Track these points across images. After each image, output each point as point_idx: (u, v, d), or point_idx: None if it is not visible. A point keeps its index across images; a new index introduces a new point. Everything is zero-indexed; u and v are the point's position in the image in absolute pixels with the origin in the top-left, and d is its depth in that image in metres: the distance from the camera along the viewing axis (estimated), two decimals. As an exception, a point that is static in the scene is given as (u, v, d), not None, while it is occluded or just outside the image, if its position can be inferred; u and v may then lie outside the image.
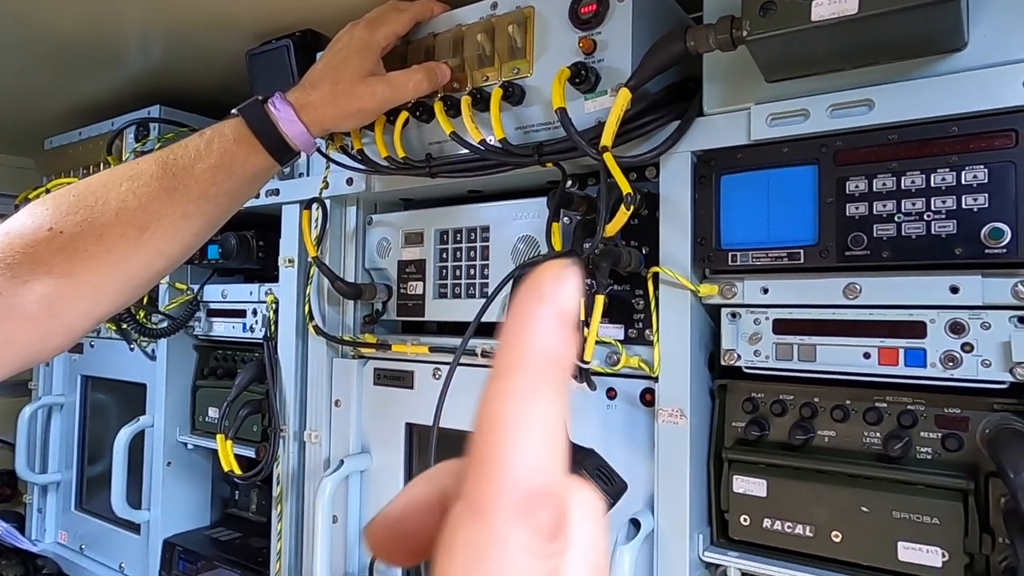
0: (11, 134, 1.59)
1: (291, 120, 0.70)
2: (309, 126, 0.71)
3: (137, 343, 1.24)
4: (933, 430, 0.60)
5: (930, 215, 0.56)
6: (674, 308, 0.68)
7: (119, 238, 0.61)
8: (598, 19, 0.70)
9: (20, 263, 0.57)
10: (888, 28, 0.52)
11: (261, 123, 0.68)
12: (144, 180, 0.63)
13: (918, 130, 0.57)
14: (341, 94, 0.72)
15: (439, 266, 0.89)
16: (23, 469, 1.42)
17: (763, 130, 0.63)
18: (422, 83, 0.76)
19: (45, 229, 0.59)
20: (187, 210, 0.65)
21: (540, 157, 0.71)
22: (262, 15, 0.96)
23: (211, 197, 0.66)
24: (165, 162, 0.65)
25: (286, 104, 0.70)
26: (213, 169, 0.66)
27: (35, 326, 0.59)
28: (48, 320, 0.59)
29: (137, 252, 0.63)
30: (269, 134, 0.69)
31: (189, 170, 0.65)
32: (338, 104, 0.73)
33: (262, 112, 0.69)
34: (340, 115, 0.74)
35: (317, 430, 0.95)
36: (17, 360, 0.60)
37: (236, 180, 0.68)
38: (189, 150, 0.66)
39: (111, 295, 0.64)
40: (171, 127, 1.21)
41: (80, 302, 0.61)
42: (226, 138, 0.67)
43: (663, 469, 0.68)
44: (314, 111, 0.71)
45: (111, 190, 0.62)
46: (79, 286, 0.60)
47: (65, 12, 0.96)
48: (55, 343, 0.62)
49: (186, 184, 0.64)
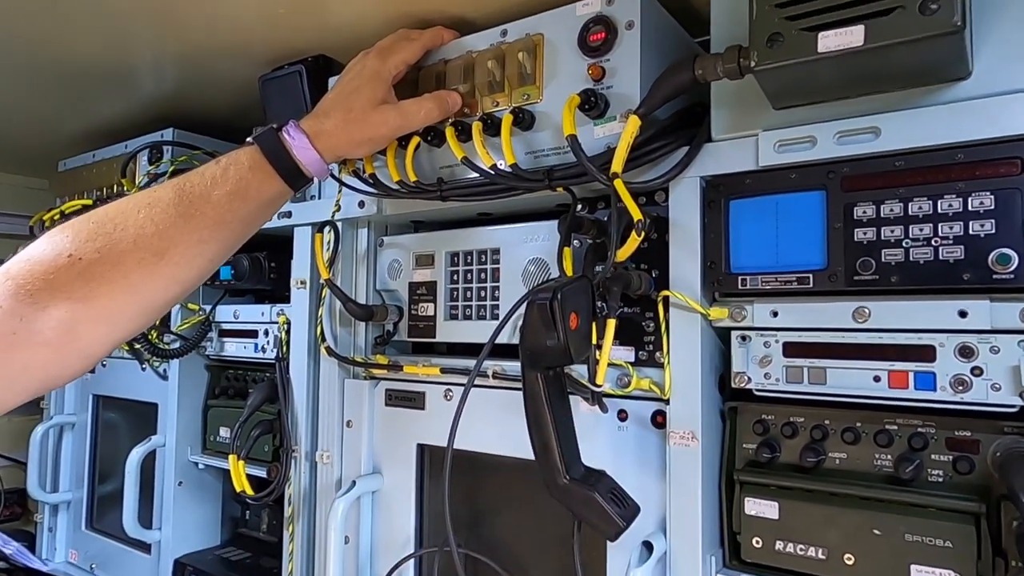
0: (26, 156, 1.62)
1: (305, 148, 0.71)
2: (323, 153, 0.73)
3: (149, 363, 1.25)
4: (944, 453, 0.60)
5: (938, 241, 0.57)
6: (684, 331, 0.69)
7: (137, 264, 0.62)
8: (607, 46, 0.71)
9: (40, 290, 0.58)
10: (893, 59, 0.53)
11: (276, 151, 0.70)
12: (161, 207, 0.65)
13: (925, 157, 0.58)
14: (354, 122, 0.74)
15: (450, 288, 0.90)
16: (34, 488, 1.42)
17: (771, 156, 0.63)
18: (433, 112, 0.78)
19: (65, 256, 0.60)
20: (203, 236, 0.66)
21: (551, 182, 0.72)
22: (274, 41, 0.98)
23: (226, 223, 0.68)
24: (182, 189, 0.66)
25: (300, 132, 0.72)
26: (229, 196, 0.67)
27: (53, 351, 0.60)
28: (66, 346, 0.60)
29: (154, 278, 0.64)
30: (283, 161, 0.70)
31: (205, 197, 0.66)
32: (351, 132, 0.74)
33: (277, 140, 0.71)
34: (353, 143, 0.75)
35: (329, 450, 0.96)
36: (35, 385, 0.61)
37: (251, 206, 0.69)
38: (205, 177, 0.67)
39: (128, 320, 0.65)
40: (184, 150, 1.23)
41: (97, 328, 0.62)
42: (242, 165, 0.69)
43: (675, 491, 0.68)
44: (328, 139, 0.73)
45: (129, 217, 0.63)
46: (97, 312, 0.61)
47: (80, 37, 0.98)
48: (72, 368, 0.63)
49: (202, 211, 0.66)
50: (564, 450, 0.63)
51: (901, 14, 0.50)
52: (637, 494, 0.66)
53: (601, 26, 0.71)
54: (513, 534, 0.85)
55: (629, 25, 0.70)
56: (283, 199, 0.74)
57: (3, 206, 1.74)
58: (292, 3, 0.87)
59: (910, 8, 0.50)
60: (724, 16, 0.68)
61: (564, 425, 0.65)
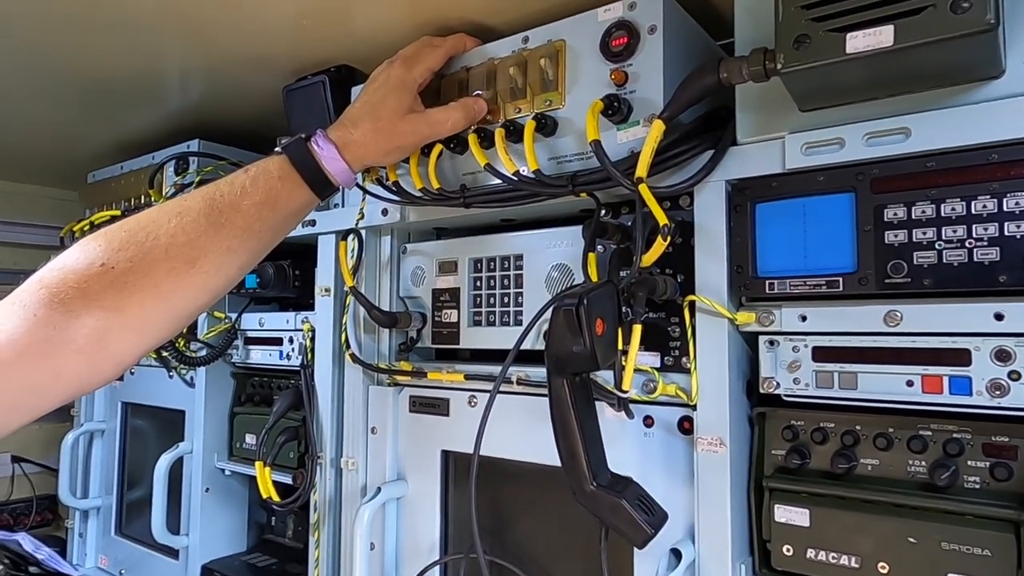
0: (55, 168, 1.65)
1: (334, 159, 0.72)
2: (351, 163, 0.73)
3: (176, 371, 1.27)
4: (981, 459, 0.59)
5: (972, 242, 0.56)
6: (711, 336, 0.68)
7: (167, 273, 0.63)
8: (629, 51, 0.71)
9: (73, 298, 0.59)
10: (924, 59, 0.52)
11: (305, 161, 0.71)
12: (192, 216, 0.65)
13: (957, 157, 0.57)
14: (382, 132, 0.75)
15: (473, 294, 0.90)
16: (65, 494, 1.45)
17: (798, 159, 0.63)
18: (460, 122, 0.79)
19: (97, 265, 0.60)
20: (232, 245, 0.67)
21: (574, 188, 0.72)
22: (298, 51, 0.99)
23: (255, 232, 0.68)
24: (212, 198, 0.67)
25: (329, 143, 0.72)
26: (258, 205, 0.68)
27: (85, 359, 0.60)
28: (98, 353, 0.61)
29: (184, 286, 0.65)
30: (312, 171, 0.71)
31: (235, 206, 0.67)
32: (380, 142, 0.75)
33: (305, 150, 0.71)
34: (381, 152, 0.76)
35: (354, 457, 0.97)
36: (67, 392, 0.62)
37: (280, 216, 0.70)
38: (235, 187, 0.68)
39: (158, 328, 0.66)
40: (210, 160, 1.25)
41: (129, 336, 0.63)
42: (271, 175, 0.70)
43: (703, 498, 0.67)
44: (356, 149, 0.74)
45: (161, 226, 0.64)
46: (128, 320, 0.62)
47: (108, 52, 1.00)
48: (103, 375, 0.64)
49: (232, 220, 0.66)
50: (591, 456, 0.63)
51: (932, 13, 0.49)
52: (664, 501, 0.66)
53: (623, 31, 0.71)
54: (538, 541, 0.84)
55: (651, 30, 0.70)
56: (309, 207, 0.75)
57: (34, 217, 1.78)
58: (315, 14, 0.88)
59: (941, 7, 0.49)
60: (748, 18, 0.68)
61: (591, 431, 0.64)
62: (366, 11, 0.87)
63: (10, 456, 1.73)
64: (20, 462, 1.74)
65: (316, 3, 0.85)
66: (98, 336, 0.60)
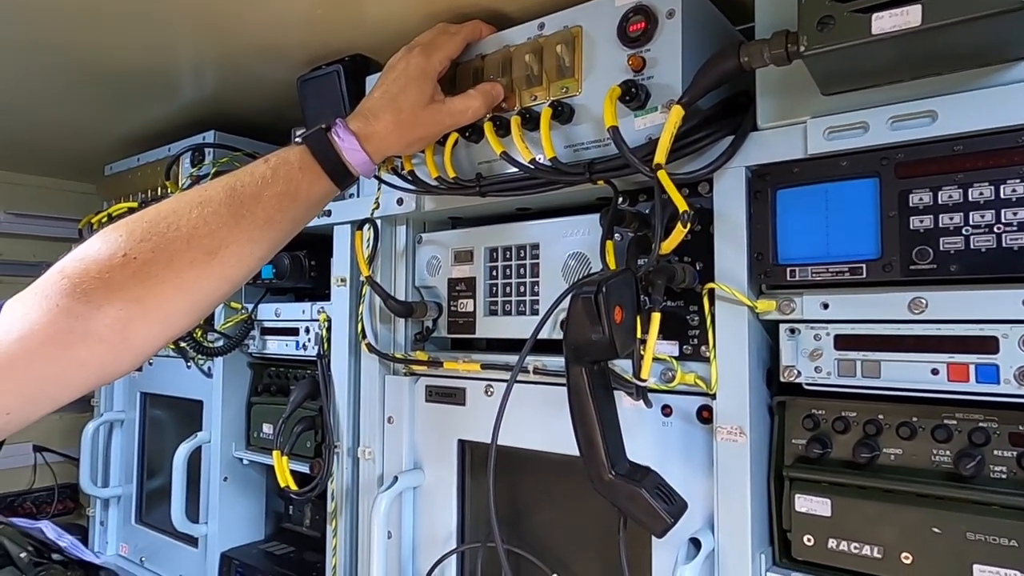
0: (73, 161, 1.67)
1: (355, 150, 0.72)
2: (372, 155, 0.73)
3: (194, 361, 1.28)
4: (1008, 448, 0.58)
5: (1000, 227, 0.55)
6: (731, 324, 0.67)
7: (189, 263, 0.63)
8: (647, 36, 0.70)
9: (95, 288, 0.59)
10: (952, 39, 0.51)
11: (325, 152, 0.70)
12: (213, 207, 0.65)
13: (985, 141, 0.56)
14: (404, 123, 0.74)
15: (489, 283, 0.90)
16: (87, 483, 1.47)
17: (820, 144, 0.62)
18: (480, 109, 0.78)
19: (119, 255, 0.60)
20: (253, 235, 0.67)
21: (591, 175, 0.72)
22: (312, 41, 0.99)
23: (276, 223, 0.68)
24: (233, 188, 0.67)
25: (350, 134, 0.72)
26: (279, 196, 0.68)
27: (108, 348, 0.61)
28: (120, 343, 0.61)
29: (205, 277, 0.65)
30: (332, 162, 0.71)
31: (256, 197, 0.67)
32: (403, 133, 0.75)
33: (326, 141, 0.71)
34: (404, 143, 0.76)
35: (370, 446, 0.97)
36: (90, 381, 0.63)
37: (300, 206, 0.70)
38: (256, 177, 0.68)
39: (179, 318, 0.66)
40: (225, 151, 1.25)
41: (150, 326, 0.63)
42: (291, 166, 0.69)
43: (723, 487, 0.67)
44: (378, 141, 0.73)
45: (182, 216, 0.64)
46: (150, 310, 0.62)
47: (124, 45, 1.00)
48: (125, 365, 0.65)
49: (253, 211, 0.66)
50: (609, 445, 0.62)
51: (961, -9, 0.48)
52: (683, 490, 0.66)
53: (641, 16, 0.70)
54: (556, 530, 0.84)
55: (670, 14, 0.69)
56: (329, 198, 0.75)
57: (53, 210, 1.80)
58: (328, 3, 0.87)
59: (970, -15, 0.48)
60: (768, 2, 0.66)
61: (609, 420, 0.64)
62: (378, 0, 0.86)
63: (32, 446, 1.76)
64: (42, 451, 1.77)
65: (330, -9, 0.85)
66: (121, 326, 0.60)
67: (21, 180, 1.78)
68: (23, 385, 0.58)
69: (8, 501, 1.69)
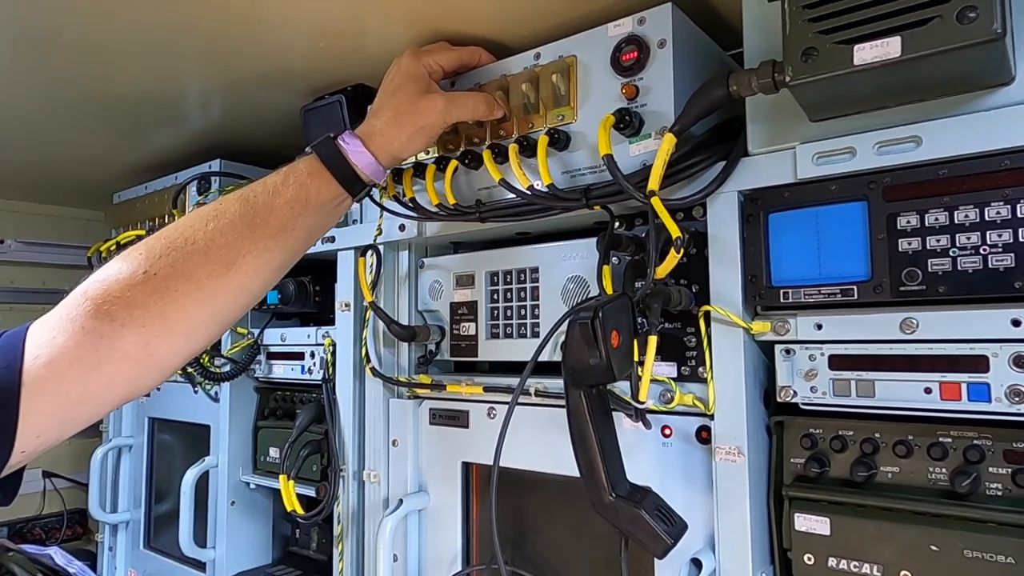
0: (82, 189, 1.70)
1: (360, 151, 0.73)
2: (377, 154, 0.74)
3: (201, 386, 1.29)
4: (1002, 465, 0.58)
5: (986, 249, 0.56)
6: (727, 345, 0.68)
7: (208, 276, 0.65)
8: (639, 65, 0.72)
9: (118, 308, 0.61)
10: (932, 69, 0.52)
11: (332, 156, 0.72)
12: (228, 219, 0.67)
13: (969, 164, 0.57)
14: (403, 115, 0.76)
15: (490, 307, 0.91)
16: (95, 509, 1.48)
17: (809, 169, 0.63)
18: (480, 105, 0.79)
19: (140, 273, 0.62)
20: (268, 244, 0.68)
21: (588, 201, 0.73)
22: (315, 72, 1.02)
23: (289, 231, 0.70)
24: (246, 199, 0.69)
25: (354, 137, 0.74)
26: (290, 203, 0.69)
27: (133, 365, 0.62)
28: (145, 359, 0.63)
29: (224, 288, 0.66)
30: (340, 166, 0.72)
31: (269, 206, 0.69)
32: (403, 124, 0.75)
33: (333, 147, 0.73)
34: (406, 135, 0.76)
35: (376, 470, 0.98)
36: (119, 398, 0.64)
37: (312, 212, 0.71)
38: (268, 187, 0.70)
39: (200, 332, 0.67)
40: (231, 180, 1.28)
41: (173, 341, 0.64)
42: (300, 173, 0.71)
43: (723, 507, 0.67)
44: (380, 138, 0.75)
45: (198, 230, 0.66)
46: (172, 325, 0.64)
47: (130, 74, 1.03)
48: (151, 381, 0.66)
49: (266, 220, 0.68)
50: (609, 467, 0.63)
51: (939, 24, 0.50)
52: (684, 511, 0.66)
53: (633, 46, 0.72)
54: (559, 551, 0.85)
55: (661, 44, 0.71)
56: (343, 205, 0.75)
57: (62, 238, 1.83)
58: (331, 36, 0.90)
59: (948, 17, 0.49)
60: (756, 29, 0.68)
61: (609, 442, 0.65)
62: (380, 31, 0.89)
63: (41, 471, 1.77)
64: (51, 477, 1.78)
65: (332, 26, 0.87)
66: (144, 343, 0.62)
67: (31, 208, 1.81)
68: (53, 407, 0.59)
69: (18, 527, 1.70)
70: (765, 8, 0.65)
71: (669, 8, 0.71)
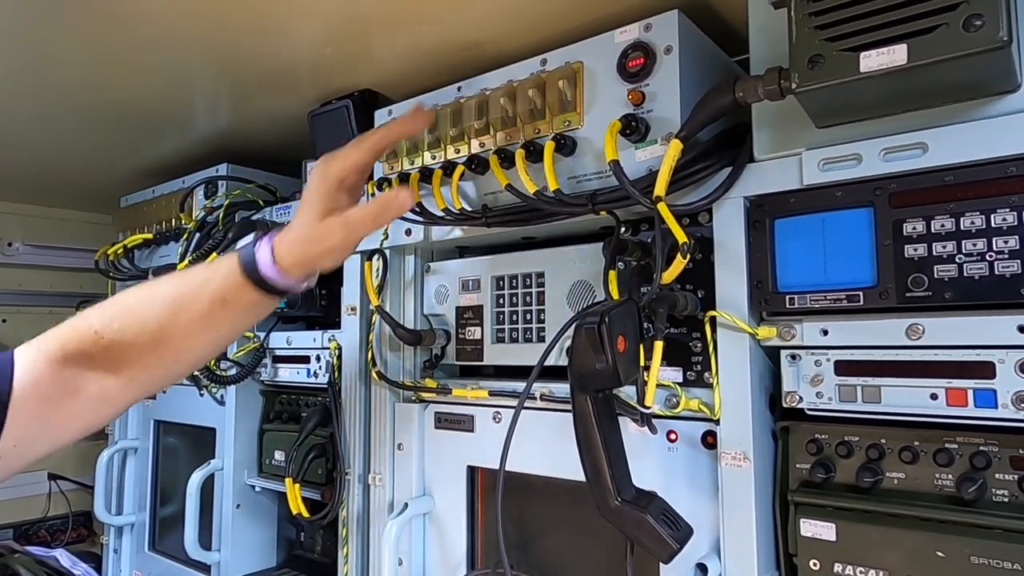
0: (89, 193, 1.71)
1: (268, 265, 0.70)
2: (288, 270, 0.71)
3: (207, 389, 1.30)
4: (1009, 472, 0.58)
5: (992, 255, 0.56)
6: (733, 351, 0.69)
7: (143, 348, 0.71)
8: (646, 71, 0.72)
9: (78, 358, 0.69)
10: (938, 76, 0.53)
11: (249, 263, 0.71)
12: (160, 302, 0.72)
13: (975, 171, 0.57)
14: (305, 239, 0.72)
15: (496, 311, 0.91)
16: (101, 511, 1.48)
17: (815, 175, 0.64)
18: (380, 218, 0.73)
19: (92, 331, 0.70)
20: (193, 331, 0.72)
21: (594, 206, 0.73)
22: (322, 77, 1.02)
23: (213, 322, 0.72)
24: (179, 286, 0.73)
25: (268, 248, 0.71)
26: (211, 301, 0.71)
27: (95, 404, 0.71)
28: (102, 402, 0.72)
29: (159, 359, 0.73)
30: (255, 275, 0.70)
31: (195, 297, 0.71)
32: (308, 248, 0.72)
33: (252, 253, 0.71)
34: (312, 258, 0.72)
35: (381, 473, 0.98)
36: (83, 428, 0.73)
37: (233, 311, 0.72)
38: (196, 280, 0.72)
39: (153, 383, 0.76)
40: (238, 184, 1.28)
41: (126, 390, 0.73)
42: (224, 273, 0.71)
43: (728, 512, 0.68)
44: (287, 255, 0.71)
45: (137, 309, 0.72)
46: (122, 380, 0.72)
47: (139, 80, 1.04)
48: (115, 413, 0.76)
49: (190, 311, 0.71)
50: (615, 472, 0.64)
51: (945, 31, 0.50)
52: (689, 515, 0.66)
53: (640, 52, 0.72)
54: (564, 556, 0.85)
55: (667, 50, 0.71)
56: (268, 304, 0.74)
57: (70, 241, 1.84)
58: (338, 43, 0.91)
59: (954, 25, 0.50)
60: (762, 36, 0.69)
61: (614, 447, 0.65)
62: (385, 39, 0.90)
63: (47, 474, 1.78)
64: (56, 479, 1.79)
65: (338, 32, 0.88)
66: (99, 389, 0.71)
67: (39, 212, 1.82)
68: (25, 428, 0.67)
69: (23, 529, 1.71)
70: (771, 15, 0.66)
71: (675, 15, 0.71)
